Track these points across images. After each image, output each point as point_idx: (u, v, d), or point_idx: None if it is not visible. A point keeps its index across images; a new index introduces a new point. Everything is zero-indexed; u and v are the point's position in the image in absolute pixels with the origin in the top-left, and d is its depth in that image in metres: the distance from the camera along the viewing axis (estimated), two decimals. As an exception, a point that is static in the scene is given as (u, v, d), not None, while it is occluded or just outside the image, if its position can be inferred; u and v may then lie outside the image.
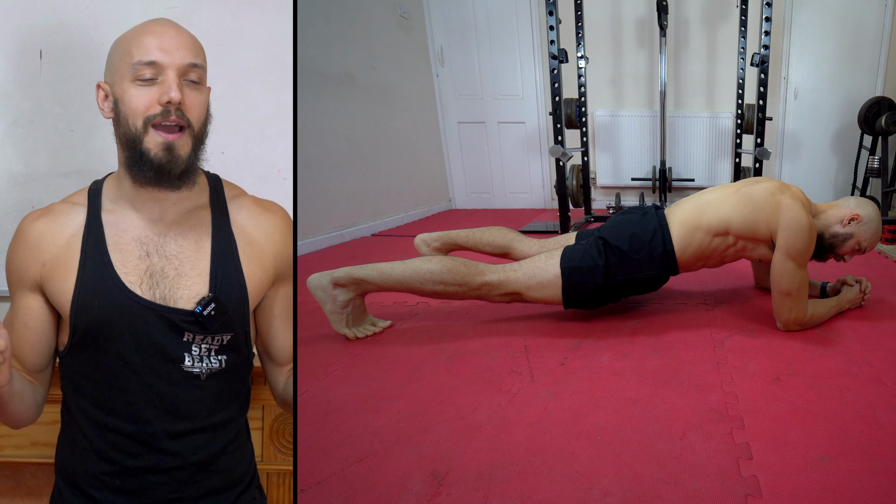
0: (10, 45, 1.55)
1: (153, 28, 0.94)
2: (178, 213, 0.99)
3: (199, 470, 0.99)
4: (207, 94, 0.98)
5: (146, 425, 0.96)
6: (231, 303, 0.97)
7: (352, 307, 1.82)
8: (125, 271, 0.96)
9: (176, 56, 0.92)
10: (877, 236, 1.95)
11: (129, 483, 0.97)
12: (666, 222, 1.91)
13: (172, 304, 0.95)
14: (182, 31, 0.95)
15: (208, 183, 1.04)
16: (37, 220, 1.00)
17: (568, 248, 1.90)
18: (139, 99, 0.92)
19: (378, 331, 1.87)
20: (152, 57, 0.92)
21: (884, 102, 4.16)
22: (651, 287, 1.96)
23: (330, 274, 1.79)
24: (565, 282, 1.85)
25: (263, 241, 1.02)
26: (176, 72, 0.92)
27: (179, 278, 0.96)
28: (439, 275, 1.79)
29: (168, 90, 0.91)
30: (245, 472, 1.06)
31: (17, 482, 1.57)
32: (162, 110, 0.92)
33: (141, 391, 0.96)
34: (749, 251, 1.91)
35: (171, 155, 0.93)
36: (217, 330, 0.97)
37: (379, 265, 1.81)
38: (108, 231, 0.98)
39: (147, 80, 0.92)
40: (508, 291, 1.86)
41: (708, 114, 4.91)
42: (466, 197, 5.22)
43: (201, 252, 0.98)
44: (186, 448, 0.97)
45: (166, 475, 0.97)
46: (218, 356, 0.98)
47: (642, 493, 1.05)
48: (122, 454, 0.97)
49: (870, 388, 1.46)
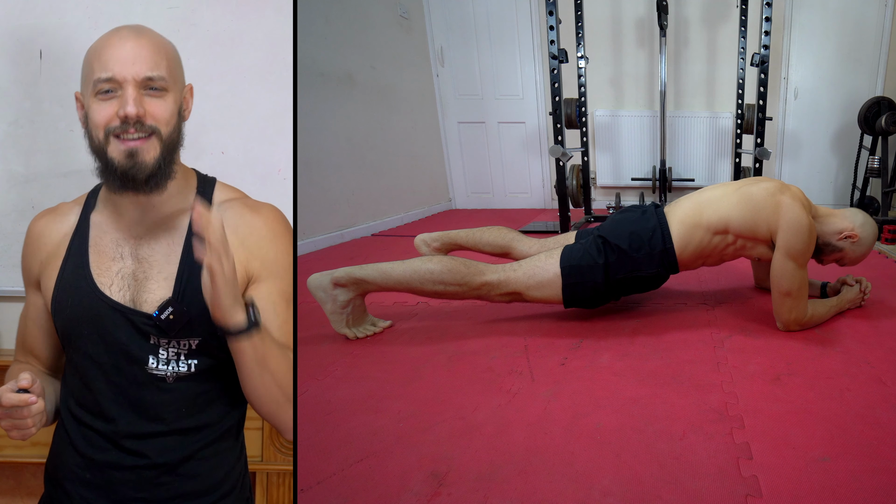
0: (10, 45, 1.55)
1: (113, 41, 0.94)
2: (158, 217, 0.99)
3: (165, 471, 0.98)
4: (175, 99, 0.97)
5: (112, 423, 0.97)
6: (195, 307, 0.95)
7: (352, 307, 1.82)
8: (99, 272, 0.98)
9: (133, 69, 0.92)
10: (862, 258, 1.98)
11: (96, 477, 0.98)
12: (665, 220, 1.91)
13: (138, 307, 0.96)
14: (143, 42, 0.94)
15: (196, 186, 1.03)
16: (40, 218, 1.05)
17: (568, 248, 1.90)
18: (100, 113, 0.93)
19: (378, 331, 1.87)
20: (109, 72, 0.92)
21: (884, 102, 4.15)
22: (651, 285, 1.96)
23: (330, 274, 1.79)
24: (565, 281, 1.85)
25: (236, 244, 0.98)
26: (133, 85, 0.92)
27: (147, 282, 0.97)
28: (439, 275, 1.79)
29: (125, 104, 0.92)
30: (223, 480, 1.03)
31: (17, 482, 1.57)
32: (121, 123, 0.92)
33: (108, 390, 0.97)
34: (748, 250, 1.91)
35: (134, 160, 0.93)
36: (179, 334, 0.96)
37: (379, 265, 1.81)
38: (93, 232, 1.00)
39: (106, 93, 0.93)
40: (508, 291, 1.86)
41: (708, 114, 4.90)
42: (466, 197, 5.22)
43: (171, 256, 0.98)
44: (152, 449, 0.97)
45: (131, 472, 0.97)
46: (187, 360, 0.98)
47: (642, 493, 1.05)
48: (93, 448, 0.98)
49: (870, 388, 1.46)
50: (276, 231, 1.02)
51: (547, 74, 4.14)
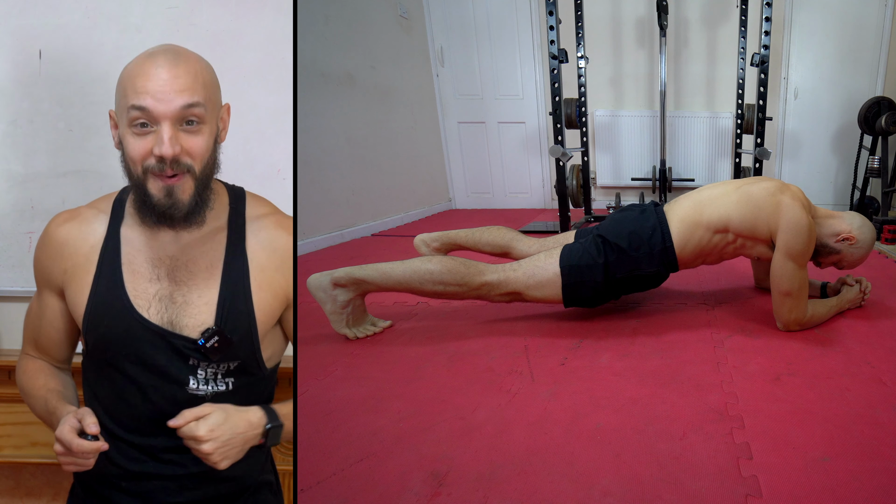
0: (10, 45, 1.55)
1: (148, 69, 0.90)
2: (193, 238, 0.98)
3: (203, 479, 1.00)
4: (212, 130, 0.95)
5: (150, 439, 0.98)
6: (237, 333, 0.97)
7: (352, 307, 1.82)
8: (135, 294, 0.97)
9: (169, 104, 0.89)
10: (860, 261, 1.97)
11: (133, 486, 0.99)
12: (665, 219, 1.91)
13: (178, 331, 0.96)
14: (179, 71, 0.91)
15: (229, 203, 1.02)
16: (63, 224, 1.02)
17: (567, 247, 1.90)
18: (136, 148, 0.92)
19: (378, 331, 1.87)
20: (143, 102, 0.89)
21: (884, 102, 4.15)
22: (651, 284, 1.96)
23: (330, 274, 1.79)
24: (565, 280, 1.84)
25: (274, 268, 1.00)
26: (170, 121, 0.90)
27: (187, 306, 0.96)
28: (439, 275, 1.79)
29: (160, 144, 0.90)
30: (256, 478, 1.06)
31: (17, 482, 1.56)
32: (157, 163, 0.91)
33: (145, 408, 0.97)
34: (748, 249, 1.91)
35: (172, 199, 0.93)
36: (222, 360, 0.97)
37: (379, 265, 1.81)
38: (125, 249, 0.99)
39: (141, 126, 0.91)
40: (508, 291, 1.86)
41: (708, 114, 4.90)
42: (466, 197, 5.22)
43: (211, 280, 0.98)
44: (190, 460, 0.97)
45: (170, 481, 0.99)
46: (225, 379, 0.99)
47: (642, 493, 1.04)
48: (128, 459, 0.98)
49: (870, 388, 1.46)
50: None
51: (547, 74, 4.14)
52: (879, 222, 3.63)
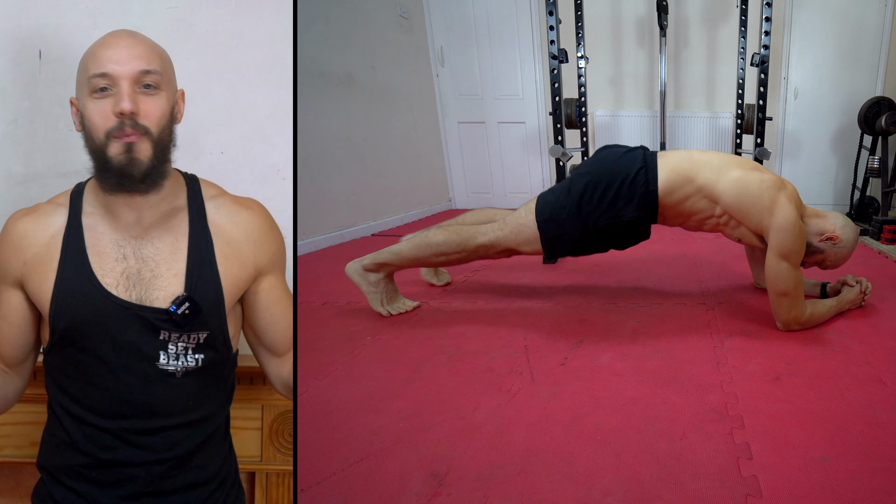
0: (10, 45, 1.55)
1: (107, 41, 0.97)
2: (155, 217, 1.01)
3: (174, 465, 1.01)
4: (168, 99, 0.99)
5: (122, 421, 0.98)
6: (206, 302, 0.99)
7: (384, 286, 2.05)
8: (102, 273, 0.98)
9: (128, 66, 0.95)
10: (844, 261, 1.97)
11: (104, 475, 1.00)
12: (654, 164, 1.86)
13: (148, 304, 0.97)
14: (137, 41, 0.97)
15: (185, 184, 1.05)
16: (21, 218, 1.03)
17: (541, 198, 1.92)
18: (96, 112, 0.96)
19: (409, 309, 2.07)
20: (104, 69, 0.95)
21: (884, 102, 4.15)
22: (633, 234, 1.92)
23: (360, 261, 2.06)
24: (542, 236, 1.89)
25: (242, 239, 1.04)
26: (128, 81, 0.95)
27: (155, 279, 0.99)
28: (438, 247, 1.96)
29: (119, 101, 0.94)
30: (222, 468, 1.07)
31: (17, 482, 1.56)
32: (118, 122, 0.95)
33: (117, 389, 0.98)
34: (731, 228, 1.90)
35: (131, 157, 0.95)
36: (192, 328, 0.99)
37: (391, 248, 2.03)
38: (87, 234, 1.00)
39: (102, 90, 0.95)
40: (502, 249, 1.96)
41: (708, 114, 4.90)
42: (466, 197, 5.21)
43: (177, 254, 1.00)
44: (162, 444, 0.99)
45: (141, 468, 0.99)
46: (195, 354, 1.00)
47: (642, 493, 1.05)
48: (98, 447, 0.99)
49: (870, 388, 1.46)
50: (271, 224, 1.08)
51: (547, 74, 4.14)
52: (879, 222, 3.63)
